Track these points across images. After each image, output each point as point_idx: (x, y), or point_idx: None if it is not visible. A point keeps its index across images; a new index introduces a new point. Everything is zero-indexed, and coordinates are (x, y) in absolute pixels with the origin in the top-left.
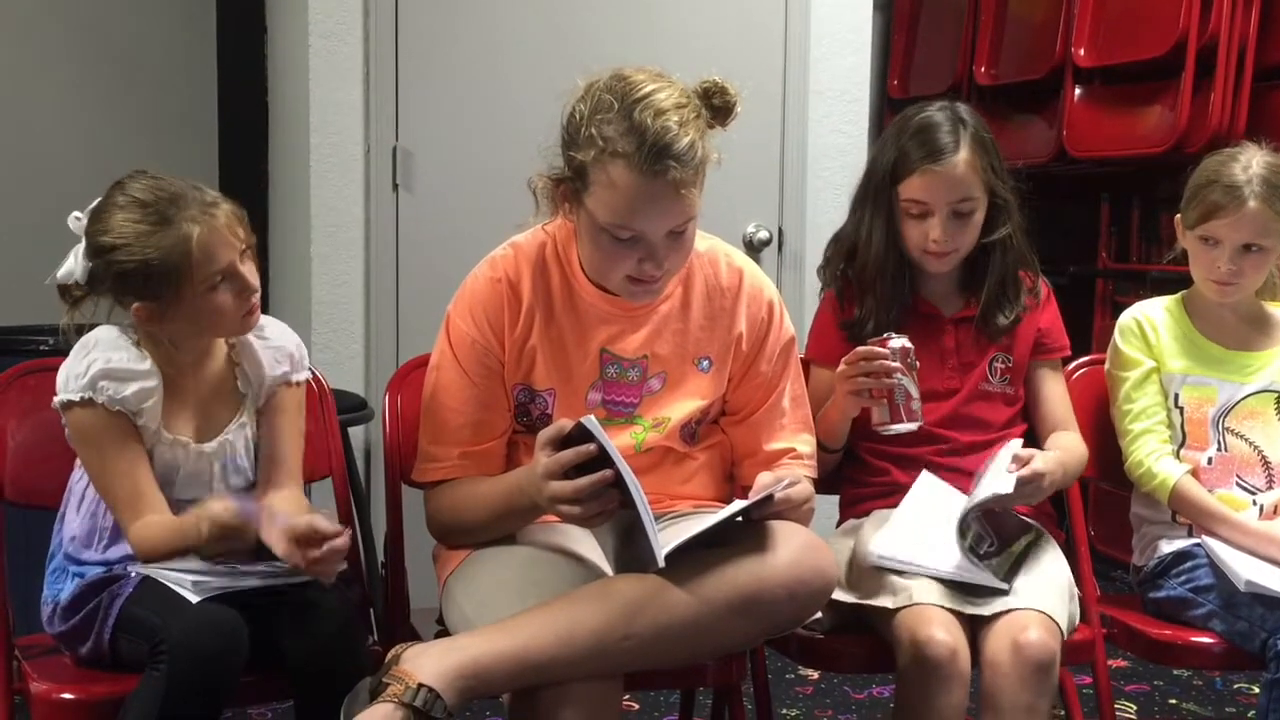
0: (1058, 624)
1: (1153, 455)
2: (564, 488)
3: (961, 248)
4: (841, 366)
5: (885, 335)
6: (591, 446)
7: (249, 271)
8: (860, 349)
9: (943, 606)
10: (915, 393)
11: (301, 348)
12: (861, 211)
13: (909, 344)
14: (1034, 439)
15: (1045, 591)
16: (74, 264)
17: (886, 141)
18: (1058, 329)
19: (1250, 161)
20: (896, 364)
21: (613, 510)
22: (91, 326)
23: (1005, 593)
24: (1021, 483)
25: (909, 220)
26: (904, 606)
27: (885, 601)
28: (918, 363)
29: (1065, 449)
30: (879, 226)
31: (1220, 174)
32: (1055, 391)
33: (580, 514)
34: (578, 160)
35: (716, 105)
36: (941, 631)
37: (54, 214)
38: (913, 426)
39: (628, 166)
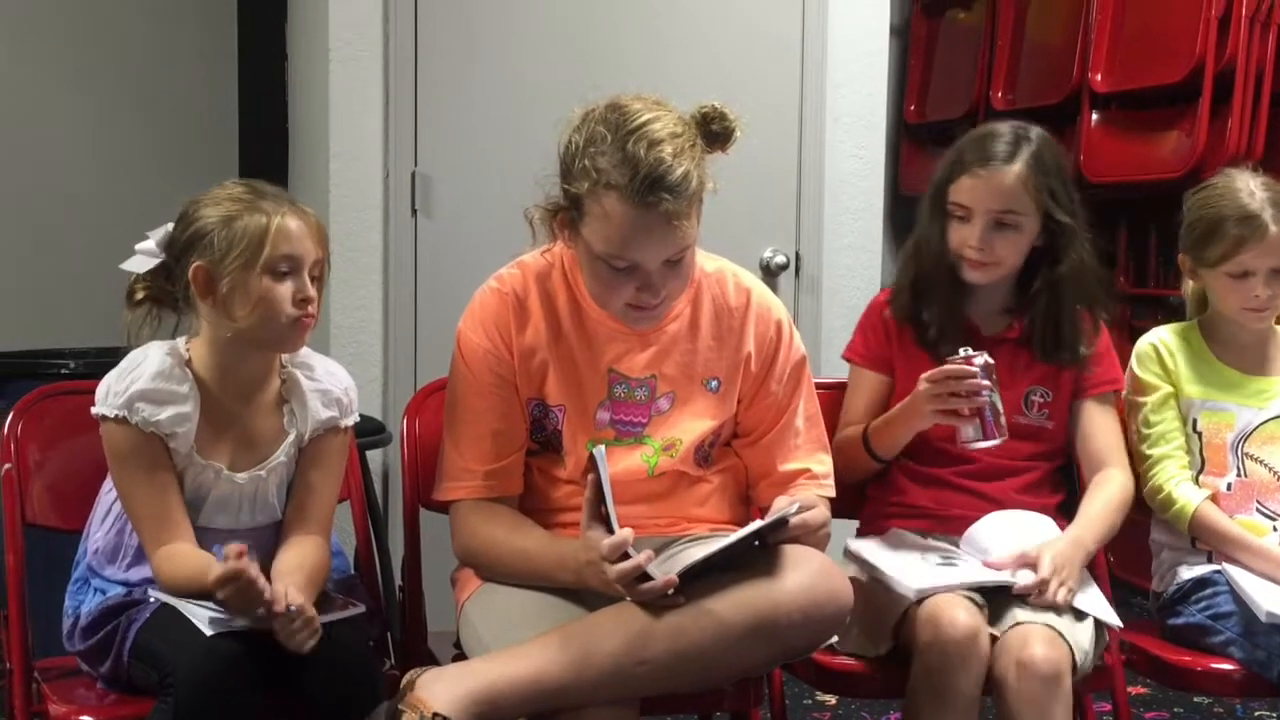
0: (1063, 637)
1: (1172, 480)
2: (620, 570)
3: (1000, 263)
4: (923, 385)
5: (966, 354)
6: (643, 557)
7: (314, 288)
8: (948, 368)
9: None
10: (1001, 406)
11: (351, 391)
12: (923, 215)
13: (990, 359)
14: (1073, 474)
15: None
16: (150, 243)
17: (951, 149)
18: (1107, 362)
19: (1250, 187)
20: (987, 381)
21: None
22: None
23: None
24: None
25: (953, 222)
26: (926, 596)
27: (907, 592)
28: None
29: (1101, 506)
30: (936, 229)
31: (1228, 207)
32: (1102, 427)
33: (644, 591)
34: (573, 191)
35: (715, 131)
36: (964, 613)
37: (74, 240)
38: (1001, 441)
39: (620, 198)
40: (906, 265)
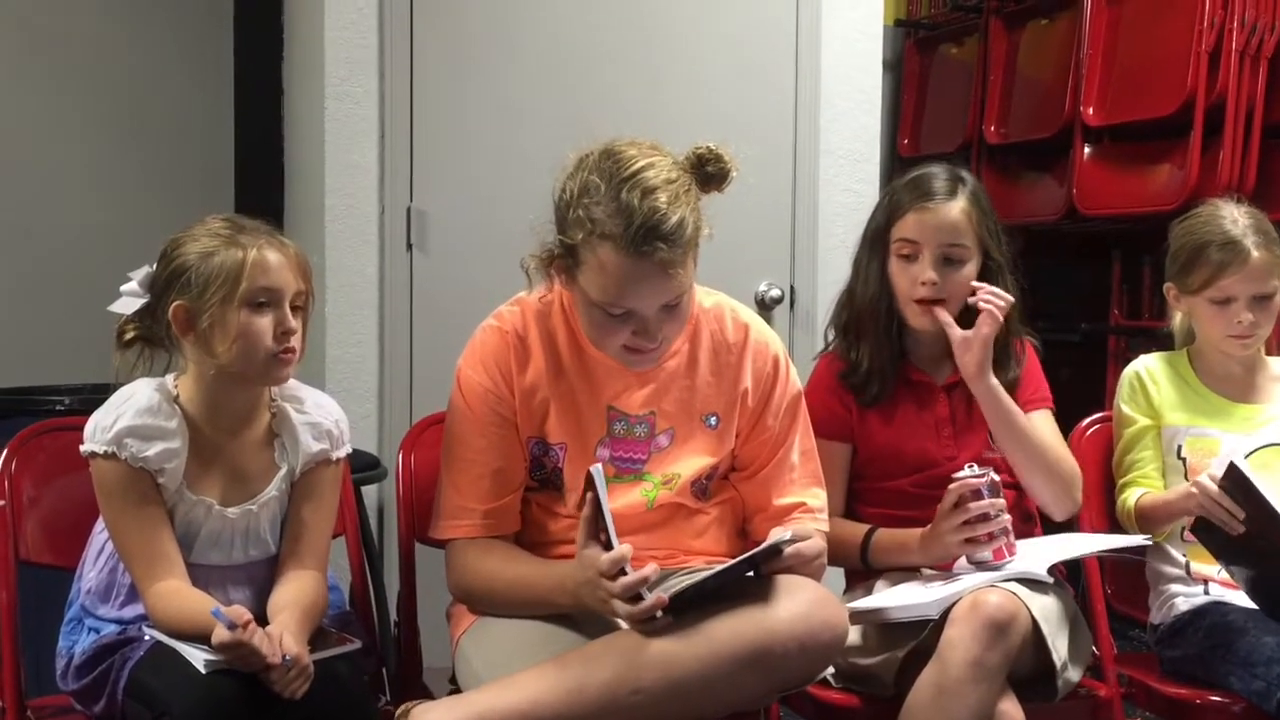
0: (1023, 601)
1: (1125, 501)
2: (624, 584)
3: (951, 299)
4: (951, 520)
5: (971, 470)
6: (650, 570)
7: (296, 320)
8: (955, 490)
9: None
10: (1010, 524)
11: (342, 423)
12: (859, 260)
13: (996, 475)
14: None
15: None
16: (133, 284)
17: (885, 194)
18: (1032, 382)
19: (1234, 215)
20: (1000, 499)
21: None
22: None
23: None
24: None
25: (899, 264)
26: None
27: (928, 611)
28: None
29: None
30: (874, 270)
31: (1211, 233)
32: (1040, 429)
33: (637, 612)
34: (568, 241)
35: (710, 172)
36: (998, 596)
37: (69, 276)
38: (1013, 559)
39: (615, 248)
40: (840, 312)
